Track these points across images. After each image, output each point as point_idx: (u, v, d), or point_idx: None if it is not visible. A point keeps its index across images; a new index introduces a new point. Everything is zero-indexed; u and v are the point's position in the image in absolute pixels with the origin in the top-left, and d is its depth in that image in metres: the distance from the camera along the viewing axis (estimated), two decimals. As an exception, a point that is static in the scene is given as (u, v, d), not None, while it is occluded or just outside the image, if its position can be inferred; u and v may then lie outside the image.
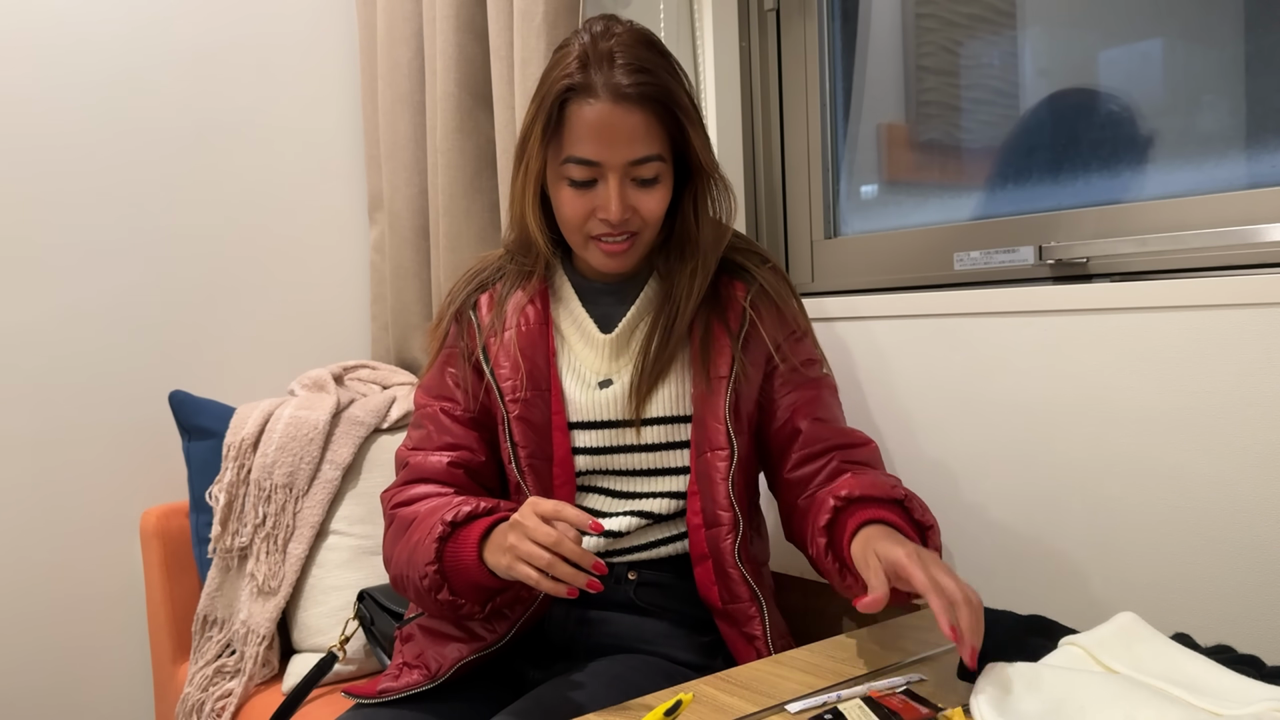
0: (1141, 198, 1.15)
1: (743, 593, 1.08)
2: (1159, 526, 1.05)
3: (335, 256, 2.00)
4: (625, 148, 1.01)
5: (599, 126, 1.00)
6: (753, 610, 1.08)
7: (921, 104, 1.41)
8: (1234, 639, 0.98)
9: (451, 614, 1.02)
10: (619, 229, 1.04)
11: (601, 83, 1.00)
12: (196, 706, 1.49)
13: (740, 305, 1.11)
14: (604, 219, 1.03)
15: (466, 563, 0.97)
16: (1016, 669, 0.77)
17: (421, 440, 1.14)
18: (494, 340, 1.11)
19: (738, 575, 1.08)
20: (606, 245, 1.05)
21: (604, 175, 1.02)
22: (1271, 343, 0.95)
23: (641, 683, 1.03)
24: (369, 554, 1.51)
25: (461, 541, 0.98)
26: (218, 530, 1.51)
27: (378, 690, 1.09)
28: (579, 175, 1.02)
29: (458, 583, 0.99)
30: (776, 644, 1.08)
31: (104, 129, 1.75)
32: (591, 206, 1.04)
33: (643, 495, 1.11)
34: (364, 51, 1.94)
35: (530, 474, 1.09)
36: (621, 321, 1.11)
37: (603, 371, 1.11)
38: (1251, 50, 1.07)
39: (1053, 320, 1.12)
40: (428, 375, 1.18)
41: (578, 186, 1.03)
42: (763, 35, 1.53)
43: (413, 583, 1.02)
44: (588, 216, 1.05)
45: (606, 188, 1.02)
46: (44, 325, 1.70)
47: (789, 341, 1.13)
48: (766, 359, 1.12)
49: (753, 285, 1.12)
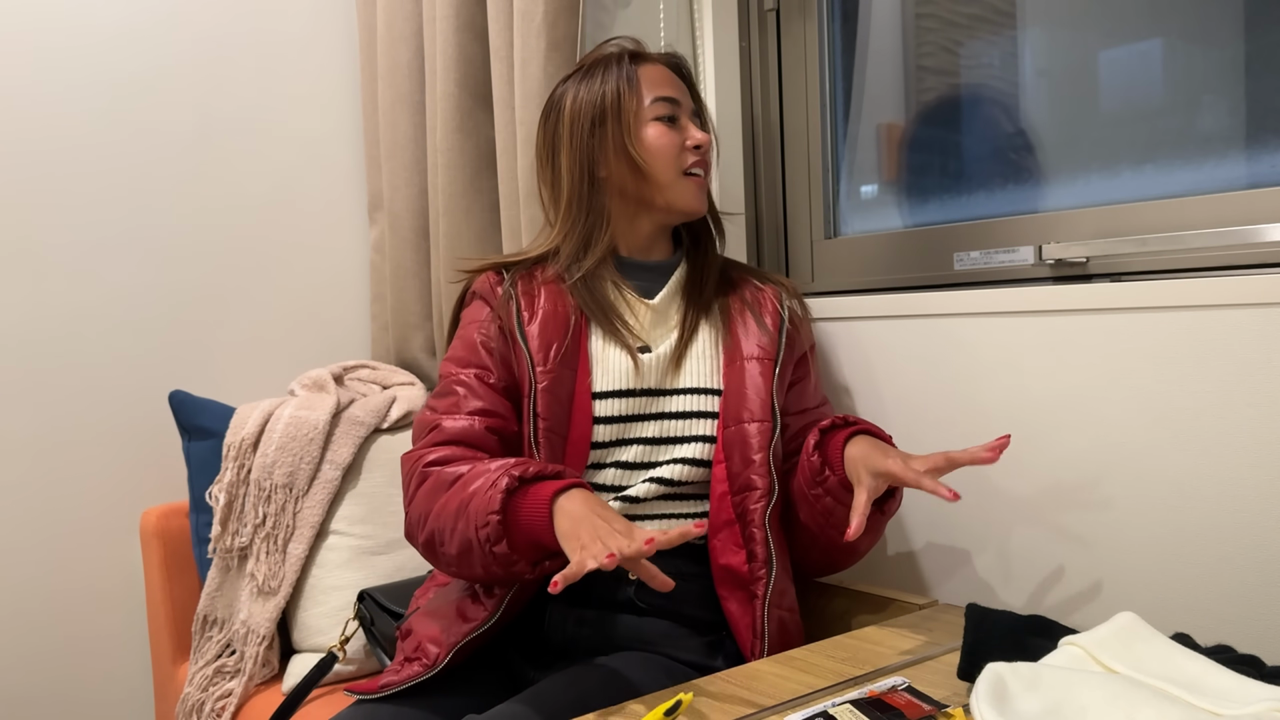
0: (1131, 198, 1.15)
1: (760, 553, 1.10)
2: (1159, 526, 1.05)
3: (335, 256, 2.00)
4: (681, 91, 1.22)
5: (666, 77, 1.22)
6: (761, 572, 1.10)
7: (921, 104, 1.41)
8: (1234, 639, 0.99)
9: (501, 570, 1.00)
10: (703, 157, 1.21)
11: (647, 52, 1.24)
12: (196, 706, 1.49)
13: (774, 304, 1.22)
14: (693, 144, 1.19)
15: (535, 519, 0.97)
16: (1016, 669, 0.77)
17: (450, 406, 1.14)
18: (529, 314, 1.16)
19: (761, 536, 1.10)
20: (696, 179, 1.21)
21: (679, 114, 1.21)
22: (1271, 343, 0.95)
23: (641, 679, 1.04)
24: (369, 554, 1.51)
25: (531, 497, 0.98)
26: (218, 530, 1.52)
27: (379, 686, 1.09)
28: (665, 111, 1.20)
29: (518, 537, 0.98)
30: (772, 612, 1.09)
31: (104, 129, 1.75)
32: (680, 140, 1.20)
33: (662, 463, 1.14)
34: (364, 51, 1.94)
35: (545, 446, 1.10)
36: (662, 291, 1.21)
37: (644, 338, 1.18)
38: (1251, 50, 1.07)
39: (1053, 320, 1.12)
40: (452, 348, 1.20)
41: (665, 123, 1.19)
42: (763, 35, 1.53)
43: (460, 535, 1.01)
44: (679, 149, 1.19)
45: (686, 122, 1.21)
46: (44, 325, 1.70)
47: (811, 355, 1.25)
48: (798, 364, 1.22)
49: (786, 295, 1.25)
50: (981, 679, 0.77)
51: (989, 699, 0.74)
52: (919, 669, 0.92)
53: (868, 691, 0.84)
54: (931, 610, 1.14)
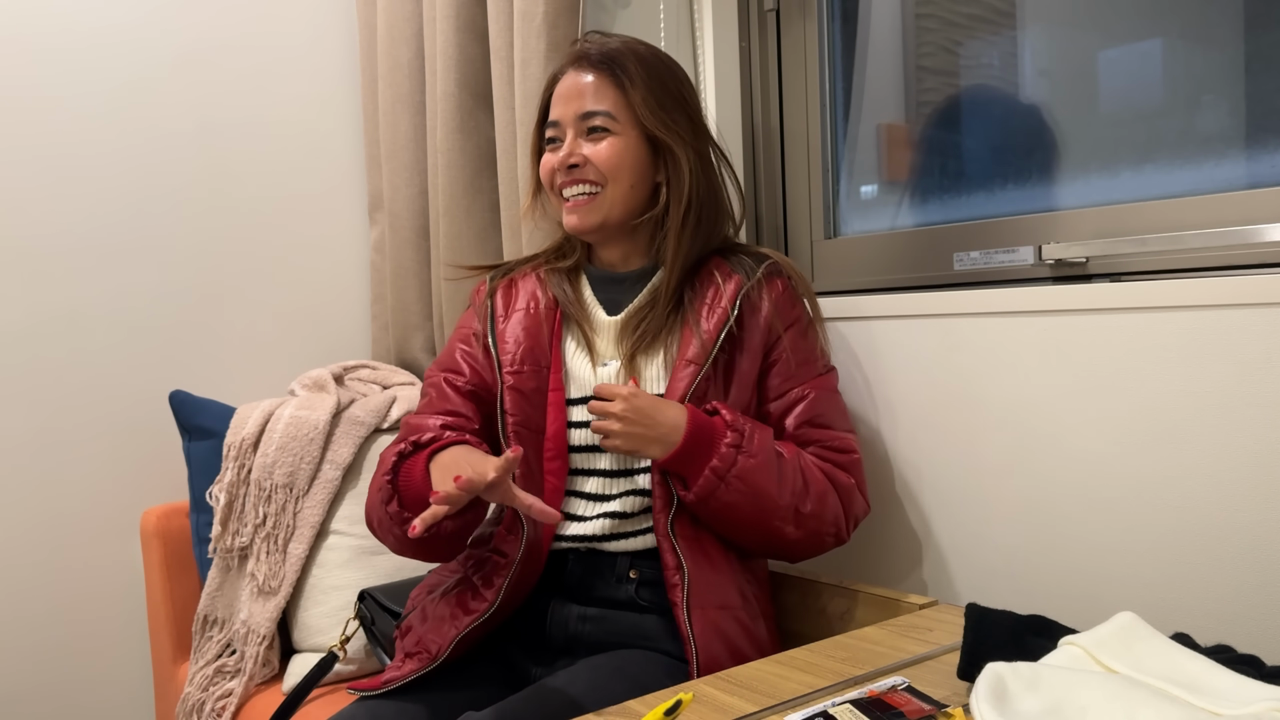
0: (1131, 198, 1.15)
1: (670, 560, 1.10)
2: (1158, 526, 1.05)
3: (335, 256, 2.00)
4: (576, 102, 1.15)
5: (570, 89, 1.17)
6: (675, 579, 1.09)
7: (921, 104, 1.41)
8: (1234, 639, 0.99)
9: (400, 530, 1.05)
10: (573, 177, 1.15)
11: (571, 58, 1.18)
12: (197, 706, 1.49)
13: (729, 299, 1.15)
14: (559, 166, 1.16)
15: (417, 475, 1.05)
16: (1016, 669, 0.77)
17: (424, 407, 1.20)
18: (503, 320, 1.21)
19: (668, 545, 1.10)
20: (569, 201, 1.17)
21: (562, 134, 1.17)
22: (1271, 343, 0.95)
23: (641, 675, 1.05)
24: (369, 554, 1.51)
25: (417, 458, 1.07)
26: (218, 530, 1.52)
27: (382, 682, 1.10)
28: (550, 134, 1.18)
29: (407, 496, 1.05)
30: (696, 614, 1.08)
31: (104, 129, 1.75)
32: (554, 161, 1.17)
33: (636, 472, 1.15)
34: (364, 52, 1.94)
35: (515, 441, 1.14)
36: (629, 306, 1.19)
37: (608, 353, 1.18)
38: (1251, 50, 1.07)
39: (1052, 320, 1.12)
40: (441, 353, 1.26)
41: (548, 145, 1.18)
42: (763, 35, 1.53)
43: (371, 506, 1.10)
44: (553, 171, 1.17)
45: (570, 138, 1.16)
46: (44, 325, 1.70)
47: (790, 334, 1.18)
48: (764, 351, 1.17)
49: (749, 281, 1.17)
50: (981, 679, 0.77)
51: (989, 699, 0.74)
52: (919, 669, 0.92)
53: (868, 691, 0.84)
54: (931, 610, 1.14)
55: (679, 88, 1.18)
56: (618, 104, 1.14)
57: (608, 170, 1.14)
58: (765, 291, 1.17)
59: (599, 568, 1.14)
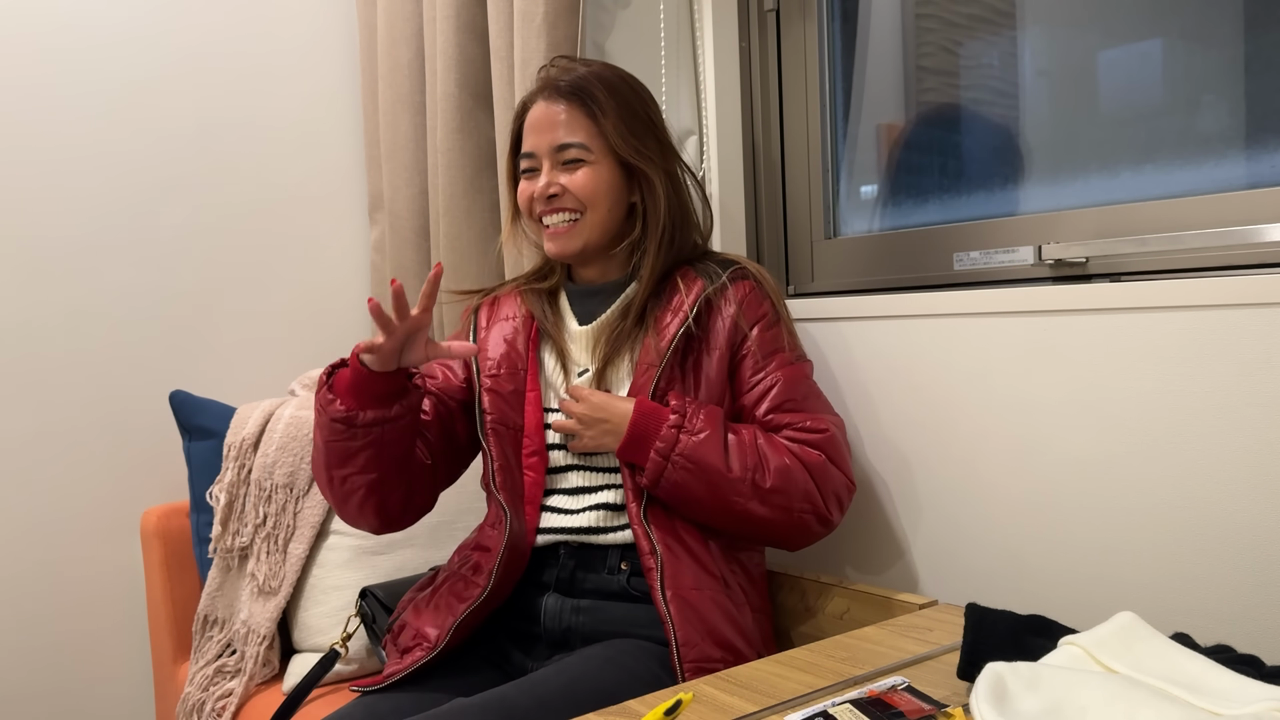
0: (1131, 198, 1.15)
1: (645, 547, 1.13)
2: (1158, 526, 1.05)
3: (335, 257, 2.00)
4: (550, 134, 1.19)
5: (533, 122, 1.21)
6: (650, 563, 1.12)
7: (921, 104, 1.41)
8: (1234, 639, 0.99)
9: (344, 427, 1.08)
10: (552, 206, 1.19)
11: (539, 87, 1.21)
12: (197, 706, 1.49)
13: (684, 303, 1.19)
14: (537, 195, 1.20)
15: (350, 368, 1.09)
16: (1016, 669, 0.77)
17: None
18: (484, 331, 1.27)
19: (641, 531, 1.13)
20: (550, 229, 1.21)
21: (538, 164, 1.20)
22: (1271, 343, 0.96)
23: (633, 665, 1.07)
24: (369, 554, 1.51)
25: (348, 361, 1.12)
26: (218, 530, 1.52)
27: (384, 677, 1.12)
28: (525, 165, 1.22)
29: (340, 388, 1.10)
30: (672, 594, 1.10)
31: (105, 129, 1.75)
32: (531, 189, 1.21)
33: (615, 469, 1.19)
34: (364, 52, 1.94)
35: (493, 436, 1.19)
36: (601, 317, 1.23)
37: (582, 362, 1.23)
38: (1251, 50, 1.07)
39: (1052, 320, 1.12)
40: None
41: (524, 174, 1.22)
42: (763, 35, 1.53)
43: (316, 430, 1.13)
44: (531, 200, 1.21)
45: (545, 167, 1.20)
46: (44, 325, 1.70)
47: (757, 330, 1.20)
48: (731, 349, 1.20)
49: (710, 285, 1.20)
50: (981, 679, 0.77)
51: (989, 699, 0.74)
52: (919, 669, 0.92)
53: (868, 691, 0.84)
54: (931, 610, 1.14)
55: (646, 111, 1.22)
56: (590, 134, 1.18)
57: (585, 198, 1.18)
58: (731, 293, 1.20)
59: (590, 560, 1.17)
